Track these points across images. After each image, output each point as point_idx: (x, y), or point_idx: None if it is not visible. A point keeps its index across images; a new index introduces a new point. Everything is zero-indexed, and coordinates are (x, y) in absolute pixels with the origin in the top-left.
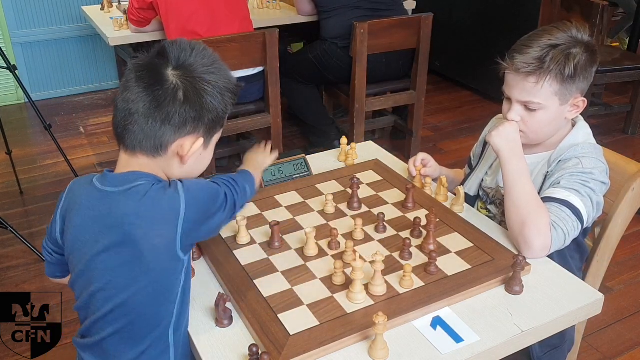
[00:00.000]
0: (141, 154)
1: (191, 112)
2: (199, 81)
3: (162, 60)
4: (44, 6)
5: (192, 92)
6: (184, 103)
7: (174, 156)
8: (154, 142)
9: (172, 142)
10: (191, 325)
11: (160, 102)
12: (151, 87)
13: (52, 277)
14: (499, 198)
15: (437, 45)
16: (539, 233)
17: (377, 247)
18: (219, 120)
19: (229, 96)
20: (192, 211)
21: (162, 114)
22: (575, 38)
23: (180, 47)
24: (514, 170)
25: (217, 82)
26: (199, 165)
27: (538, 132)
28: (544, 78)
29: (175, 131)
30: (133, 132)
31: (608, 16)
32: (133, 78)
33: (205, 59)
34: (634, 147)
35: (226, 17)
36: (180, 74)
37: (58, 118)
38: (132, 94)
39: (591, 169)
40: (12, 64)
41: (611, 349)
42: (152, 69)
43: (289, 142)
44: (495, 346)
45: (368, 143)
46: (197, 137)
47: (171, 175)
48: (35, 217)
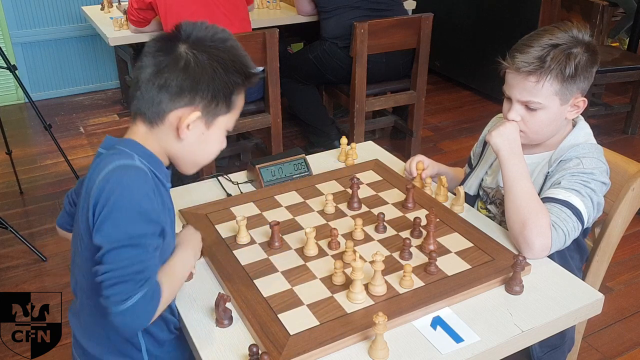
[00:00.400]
0: (140, 121)
1: (187, 80)
2: (203, 53)
3: (177, 34)
4: (44, 6)
5: (194, 62)
6: (183, 71)
7: (171, 128)
8: (152, 109)
9: (169, 111)
10: (191, 325)
11: (160, 68)
12: (157, 54)
13: (62, 227)
14: (499, 198)
15: (437, 45)
16: (539, 233)
17: (377, 247)
18: (222, 98)
19: (235, 76)
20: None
21: (161, 80)
22: (576, 38)
23: (194, 24)
24: (514, 170)
25: (221, 57)
26: (203, 147)
27: (538, 132)
28: (544, 77)
29: (171, 99)
30: (136, 97)
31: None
32: (147, 49)
33: (217, 35)
34: (634, 147)
35: (225, 18)
36: (188, 46)
37: (58, 118)
38: (142, 62)
39: (592, 169)
40: (12, 64)
41: (611, 349)
42: (164, 40)
43: (289, 142)
44: (495, 346)
45: (368, 143)
46: (193, 109)
47: (169, 150)
48: (35, 217)
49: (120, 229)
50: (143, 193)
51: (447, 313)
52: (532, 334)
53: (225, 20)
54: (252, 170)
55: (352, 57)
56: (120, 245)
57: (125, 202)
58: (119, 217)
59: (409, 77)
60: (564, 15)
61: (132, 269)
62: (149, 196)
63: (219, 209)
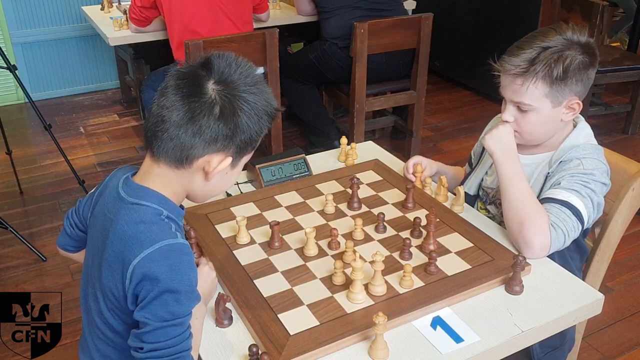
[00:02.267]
0: (164, 162)
1: (224, 129)
2: (238, 99)
3: (204, 72)
4: (44, 6)
5: (229, 110)
6: (219, 119)
7: (199, 171)
8: (181, 154)
9: (200, 156)
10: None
11: (194, 114)
12: (188, 97)
13: (63, 249)
14: (498, 198)
15: (437, 45)
16: (537, 232)
17: (377, 247)
18: (252, 142)
19: (265, 119)
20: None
21: (194, 126)
22: (570, 40)
23: (226, 62)
24: (509, 172)
25: (256, 104)
26: (223, 184)
27: (532, 133)
28: (529, 80)
29: (205, 146)
30: (162, 139)
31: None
32: (172, 85)
33: (248, 78)
34: (634, 147)
35: (228, 19)
36: (221, 89)
37: (58, 118)
38: (168, 100)
39: (592, 170)
40: (12, 64)
41: (611, 349)
42: (193, 78)
43: (289, 142)
44: (495, 346)
45: (368, 143)
46: (225, 155)
47: (191, 190)
48: (35, 217)
49: (168, 309)
50: (190, 271)
51: (447, 313)
52: (532, 334)
53: (228, 22)
54: (252, 170)
55: (352, 57)
56: (167, 325)
57: (175, 284)
58: (168, 299)
59: (409, 77)
60: (564, 15)
61: (177, 348)
62: (194, 270)
63: (219, 209)
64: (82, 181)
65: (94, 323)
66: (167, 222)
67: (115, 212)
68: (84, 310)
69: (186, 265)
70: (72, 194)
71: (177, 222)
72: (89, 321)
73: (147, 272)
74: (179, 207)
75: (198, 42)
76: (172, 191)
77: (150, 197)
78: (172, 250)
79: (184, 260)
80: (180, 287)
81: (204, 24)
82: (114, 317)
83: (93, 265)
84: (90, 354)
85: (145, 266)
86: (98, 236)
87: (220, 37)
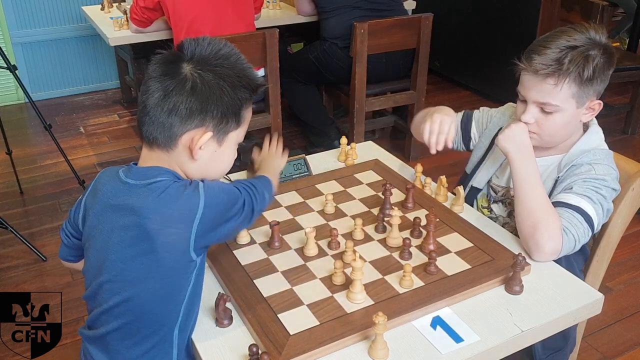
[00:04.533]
0: (157, 147)
1: (196, 102)
2: (209, 72)
3: (179, 54)
4: (44, 6)
5: (201, 83)
6: (190, 94)
7: (185, 150)
8: (164, 135)
9: (181, 134)
10: None
11: (167, 92)
12: (162, 78)
13: (65, 260)
14: (508, 198)
15: (437, 45)
16: (550, 237)
17: (377, 247)
18: (232, 115)
19: (242, 92)
20: (210, 212)
21: (169, 104)
22: (594, 40)
23: (197, 42)
24: (524, 172)
25: (228, 76)
26: (216, 164)
27: (553, 134)
28: (563, 80)
29: (182, 123)
30: (146, 124)
31: (608, 16)
32: (151, 71)
33: (220, 52)
34: (634, 147)
35: (232, 20)
36: (194, 67)
37: (58, 118)
38: (146, 86)
39: (604, 176)
40: (12, 64)
41: (611, 349)
42: (168, 61)
43: (289, 142)
44: (495, 346)
45: (368, 143)
46: (204, 130)
47: (187, 172)
48: (35, 217)
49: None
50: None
51: (447, 313)
52: (532, 334)
53: (232, 23)
54: (252, 170)
55: (352, 57)
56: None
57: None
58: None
59: (409, 77)
60: (564, 16)
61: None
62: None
63: None
64: (82, 181)
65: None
66: (184, 181)
67: (130, 198)
68: (94, 306)
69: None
70: (72, 194)
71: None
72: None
73: (207, 193)
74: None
75: None
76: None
77: (162, 173)
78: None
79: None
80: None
81: (207, 25)
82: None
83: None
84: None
85: (206, 195)
86: (108, 230)
87: (220, 37)
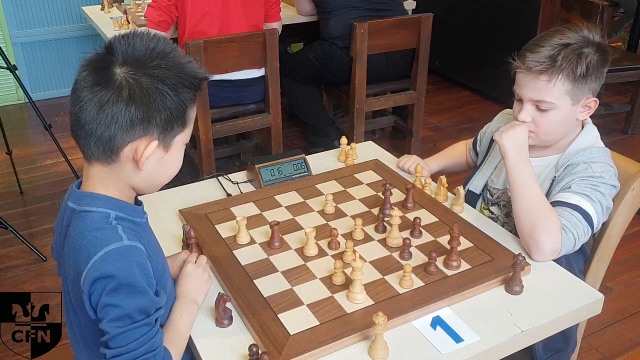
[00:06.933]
0: (96, 162)
1: (137, 112)
2: (147, 77)
3: (109, 57)
4: (44, 6)
5: (139, 90)
6: (129, 103)
7: (128, 161)
8: (104, 148)
9: (123, 145)
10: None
11: (102, 103)
12: (94, 88)
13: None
14: (504, 200)
15: (437, 45)
16: (550, 236)
17: (377, 247)
18: (177, 120)
19: (185, 92)
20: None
21: (106, 116)
22: (587, 38)
23: (128, 41)
24: (522, 174)
25: (168, 78)
26: (164, 169)
27: (549, 132)
28: (555, 76)
29: (124, 134)
30: (82, 138)
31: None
32: (80, 79)
33: (155, 52)
34: (634, 147)
35: (239, 22)
36: (127, 71)
37: (58, 118)
38: (76, 95)
39: (601, 173)
40: (12, 64)
41: (611, 349)
42: (98, 67)
43: (289, 142)
44: (495, 346)
45: (368, 143)
46: (149, 139)
47: (133, 183)
48: (35, 217)
49: (123, 310)
50: (137, 269)
51: (447, 313)
52: (532, 333)
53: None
54: (251, 170)
55: (352, 57)
56: (127, 329)
57: (129, 279)
58: (123, 291)
59: (409, 77)
60: (564, 16)
61: (141, 350)
62: (143, 269)
63: (219, 209)
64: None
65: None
66: (114, 224)
67: (68, 224)
68: (68, 325)
69: (135, 265)
70: None
71: (131, 219)
72: (73, 337)
73: (98, 274)
74: (130, 204)
75: (198, 42)
76: (115, 189)
77: (96, 202)
78: (118, 254)
79: (132, 262)
80: (132, 282)
81: (214, 25)
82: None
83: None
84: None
85: (96, 269)
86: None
87: (221, 37)
